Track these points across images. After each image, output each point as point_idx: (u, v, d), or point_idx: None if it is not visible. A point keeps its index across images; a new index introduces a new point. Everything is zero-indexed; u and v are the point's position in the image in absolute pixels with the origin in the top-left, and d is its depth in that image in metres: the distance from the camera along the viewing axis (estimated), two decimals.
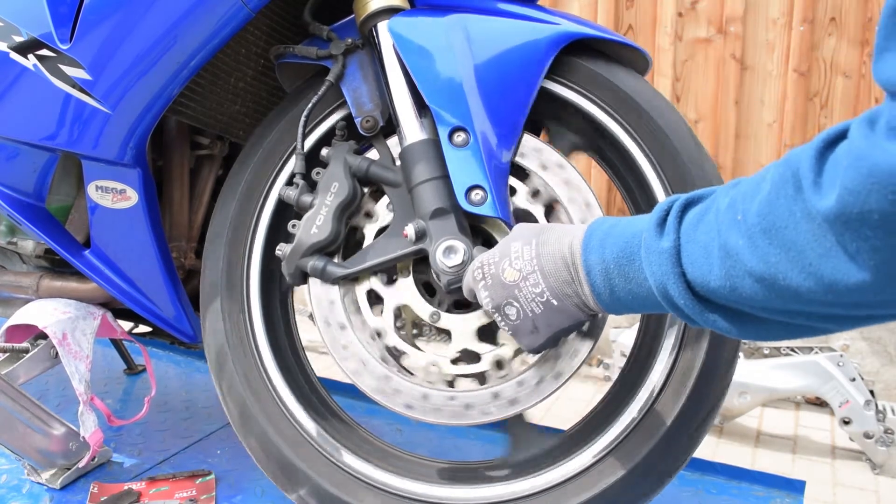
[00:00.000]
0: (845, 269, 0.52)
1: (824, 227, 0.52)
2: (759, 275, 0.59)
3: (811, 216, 0.53)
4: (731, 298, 0.63)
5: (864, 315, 0.58)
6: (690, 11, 3.00)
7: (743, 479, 1.33)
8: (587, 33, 1.00)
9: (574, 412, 2.74)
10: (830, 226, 0.51)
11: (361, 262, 1.00)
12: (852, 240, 0.50)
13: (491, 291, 0.83)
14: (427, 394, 0.97)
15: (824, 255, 0.53)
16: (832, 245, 0.52)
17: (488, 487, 0.98)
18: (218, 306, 1.08)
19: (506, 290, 0.81)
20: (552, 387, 0.95)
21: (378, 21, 1.00)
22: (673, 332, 0.97)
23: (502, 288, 0.82)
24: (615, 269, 0.73)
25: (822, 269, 0.54)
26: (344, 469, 1.01)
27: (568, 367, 0.95)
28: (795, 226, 0.55)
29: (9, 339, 1.24)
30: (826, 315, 0.60)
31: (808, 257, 0.55)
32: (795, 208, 0.55)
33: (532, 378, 0.95)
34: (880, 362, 2.92)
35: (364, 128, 1.03)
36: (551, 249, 0.79)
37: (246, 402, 1.05)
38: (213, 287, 1.09)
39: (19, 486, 1.24)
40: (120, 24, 0.99)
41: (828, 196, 0.51)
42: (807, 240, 0.54)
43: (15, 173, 1.19)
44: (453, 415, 0.97)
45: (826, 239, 0.53)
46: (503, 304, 0.82)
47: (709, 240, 0.64)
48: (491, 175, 0.94)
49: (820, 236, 0.53)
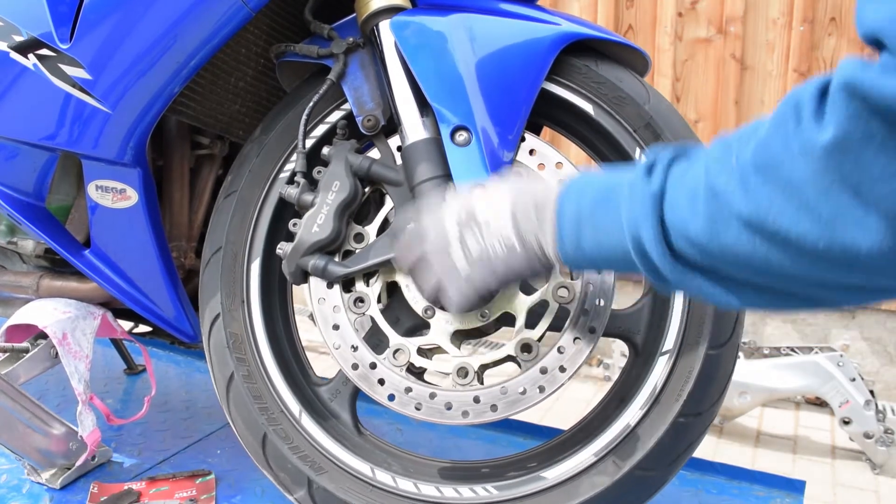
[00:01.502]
0: (848, 204, 0.50)
1: (824, 160, 0.50)
2: (747, 218, 0.56)
3: (811, 149, 0.51)
4: (708, 250, 0.60)
5: (857, 285, 0.55)
6: (690, 11, 3.00)
7: (743, 479, 1.33)
8: (587, 34, 1.00)
9: (574, 412, 2.74)
10: (830, 157, 0.50)
11: (363, 261, 1.00)
12: (853, 171, 0.49)
13: (458, 218, 0.80)
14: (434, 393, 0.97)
15: (824, 192, 0.51)
16: (833, 180, 0.50)
17: (453, 489, 0.98)
18: (218, 306, 1.08)
19: (473, 221, 0.79)
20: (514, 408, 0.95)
21: (380, 20, 1.00)
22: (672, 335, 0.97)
23: (471, 220, 0.79)
24: (588, 217, 0.70)
25: (821, 207, 0.51)
26: (343, 469, 1.01)
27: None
28: (793, 161, 0.52)
29: (9, 339, 1.24)
30: (806, 278, 0.56)
31: (806, 194, 0.52)
32: (794, 143, 0.52)
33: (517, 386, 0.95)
34: (880, 362, 2.92)
35: (365, 127, 1.03)
36: (525, 195, 0.77)
37: (246, 403, 1.04)
38: (213, 287, 1.09)
39: (19, 486, 1.24)
40: (120, 23, 0.99)
41: (828, 128, 0.49)
42: (805, 175, 0.51)
43: (15, 173, 1.19)
44: (433, 412, 0.97)
45: (827, 174, 0.50)
46: (465, 234, 0.79)
47: (695, 184, 0.60)
48: (493, 174, 0.94)
49: (820, 171, 0.51)
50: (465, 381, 0.96)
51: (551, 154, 0.99)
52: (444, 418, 0.96)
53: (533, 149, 0.99)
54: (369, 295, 1.00)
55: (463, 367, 0.97)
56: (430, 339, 0.99)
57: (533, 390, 0.95)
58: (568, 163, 0.99)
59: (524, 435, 1.49)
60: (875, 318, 2.91)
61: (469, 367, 0.97)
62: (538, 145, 1.00)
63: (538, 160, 0.99)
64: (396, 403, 0.97)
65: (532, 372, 0.95)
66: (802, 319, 3.02)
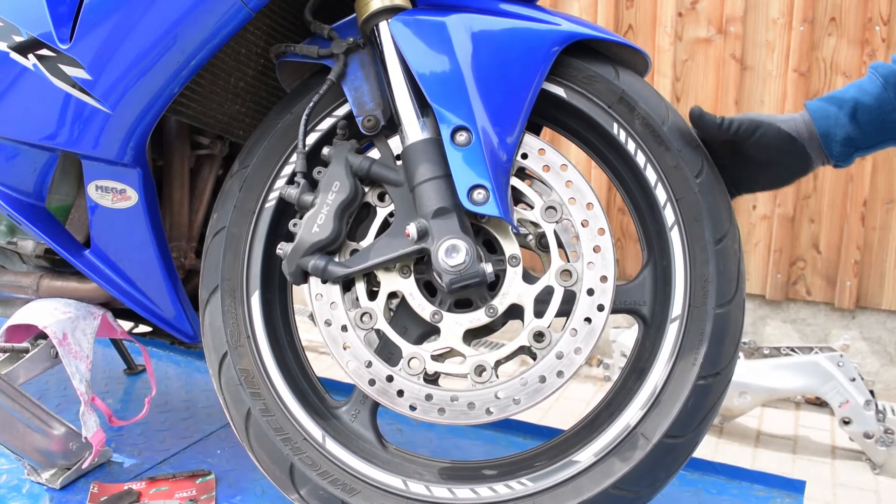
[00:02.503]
0: None
1: None
2: None
3: None
4: None
5: None
6: (690, 11, 3.00)
7: (743, 479, 1.33)
8: (588, 34, 1.00)
9: (574, 412, 2.74)
10: None
11: (363, 262, 1.00)
12: None
13: None
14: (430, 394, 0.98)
15: None
16: None
17: (488, 488, 0.98)
18: (218, 306, 1.08)
19: None
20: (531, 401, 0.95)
21: (380, 20, 1.00)
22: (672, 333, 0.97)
23: None
24: None
25: None
26: (343, 469, 1.01)
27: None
28: None
29: (9, 339, 1.24)
30: None
31: None
32: None
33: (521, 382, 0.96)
34: (880, 362, 2.92)
35: (365, 127, 1.03)
36: None
37: (267, 436, 1.04)
38: (214, 287, 1.09)
39: (19, 486, 1.24)
40: (120, 23, 0.99)
41: None
42: None
43: (15, 173, 1.19)
44: (457, 415, 0.97)
45: None
46: None
47: None
48: (493, 174, 0.94)
49: None
50: (484, 379, 0.97)
51: (554, 156, 1.00)
52: (469, 419, 0.97)
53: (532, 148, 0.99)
54: (375, 309, 1.01)
55: (480, 364, 0.97)
56: (443, 342, 0.99)
57: (552, 377, 0.95)
58: (570, 164, 1.00)
59: (524, 435, 1.49)
60: (875, 318, 2.91)
61: (486, 364, 0.97)
62: (539, 145, 1.00)
63: (540, 161, 0.99)
64: (419, 412, 0.98)
65: (549, 359, 0.95)
66: (802, 319, 3.03)
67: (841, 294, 2.91)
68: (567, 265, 0.97)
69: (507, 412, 0.96)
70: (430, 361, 0.99)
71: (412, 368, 0.99)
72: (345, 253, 1.03)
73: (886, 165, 2.80)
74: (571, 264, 0.97)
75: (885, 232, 2.84)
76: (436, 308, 1.00)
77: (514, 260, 0.99)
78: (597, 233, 0.97)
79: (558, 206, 0.98)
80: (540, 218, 0.99)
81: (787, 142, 0.96)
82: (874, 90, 0.92)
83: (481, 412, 0.96)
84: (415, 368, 0.99)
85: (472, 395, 0.96)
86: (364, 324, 1.01)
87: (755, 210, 3.03)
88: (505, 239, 1.01)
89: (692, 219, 0.97)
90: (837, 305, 2.93)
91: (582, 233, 0.97)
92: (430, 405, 0.97)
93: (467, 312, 1.00)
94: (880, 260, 2.86)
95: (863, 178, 2.82)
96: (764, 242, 3.03)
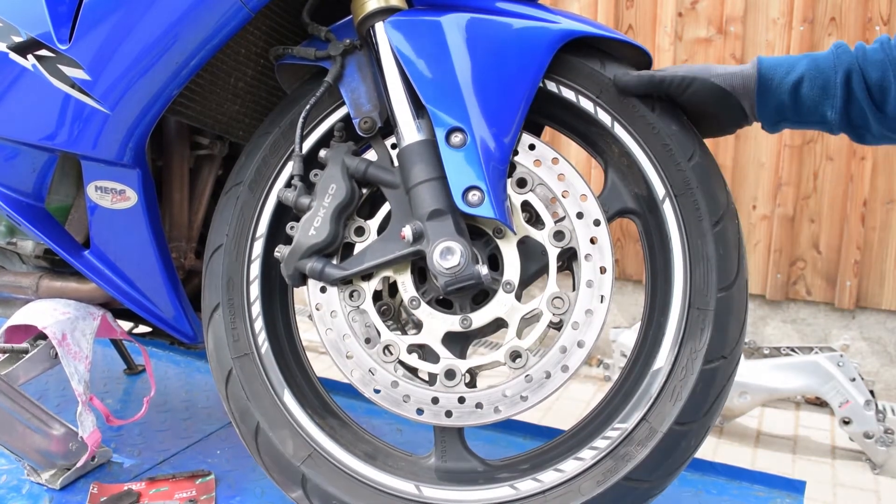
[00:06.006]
0: None
1: None
2: None
3: None
4: None
5: None
6: (690, 11, 3.00)
7: (743, 480, 1.33)
8: (587, 31, 0.99)
9: (574, 412, 2.74)
10: None
11: (359, 264, 1.00)
12: None
13: None
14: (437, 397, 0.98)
15: None
16: None
17: (489, 489, 0.98)
18: (221, 323, 1.08)
19: None
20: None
21: (375, 21, 1.00)
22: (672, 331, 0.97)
23: None
24: None
25: None
26: (343, 469, 1.01)
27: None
28: None
29: (9, 340, 1.24)
30: None
31: None
32: None
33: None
34: (880, 362, 2.92)
35: (362, 129, 1.03)
36: None
37: (246, 403, 1.05)
38: (214, 287, 1.09)
39: (19, 487, 1.24)
40: (119, 24, 0.99)
41: None
42: None
43: (14, 173, 1.19)
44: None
45: None
46: None
47: None
48: (488, 176, 0.94)
49: None
50: (454, 384, 0.98)
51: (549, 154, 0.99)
52: (480, 419, 0.98)
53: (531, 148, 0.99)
54: (375, 325, 1.01)
55: (450, 369, 0.99)
56: (422, 338, 1.00)
57: (556, 371, 0.96)
58: (565, 161, 0.99)
59: (524, 435, 1.49)
60: (875, 318, 2.91)
61: (456, 370, 0.98)
62: (539, 145, 1.00)
63: (535, 158, 0.99)
64: (427, 416, 0.99)
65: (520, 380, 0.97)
66: (802, 319, 3.02)
67: (841, 294, 2.91)
68: (561, 292, 0.97)
69: (515, 409, 0.97)
70: (404, 353, 0.99)
71: (387, 356, 1.00)
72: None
73: (886, 165, 2.80)
74: (566, 293, 0.97)
75: (885, 232, 2.84)
76: (416, 295, 1.00)
77: (508, 286, 0.98)
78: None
79: (568, 231, 0.97)
80: (547, 240, 0.98)
81: (721, 97, 0.96)
82: (826, 73, 0.90)
83: (489, 410, 0.97)
84: (388, 357, 1.00)
85: (481, 395, 0.98)
86: (370, 348, 1.01)
87: (755, 210, 3.02)
88: (509, 260, 0.99)
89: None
90: (837, 305, 2.93)
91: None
92: (437, 408, 0.98)
93: (444, 312, 1.00)
94: (880, 260, 2.86)
95: (863, 178, 2.81)
96: (764, 242, 3.03)
